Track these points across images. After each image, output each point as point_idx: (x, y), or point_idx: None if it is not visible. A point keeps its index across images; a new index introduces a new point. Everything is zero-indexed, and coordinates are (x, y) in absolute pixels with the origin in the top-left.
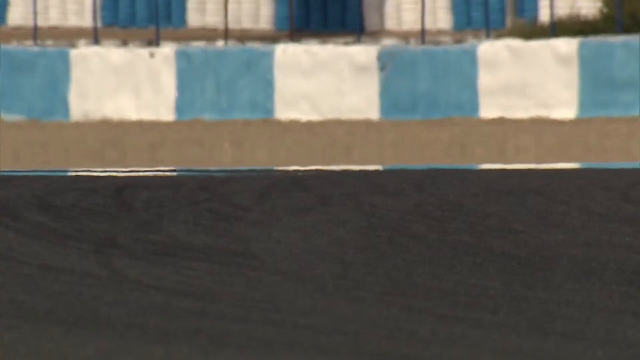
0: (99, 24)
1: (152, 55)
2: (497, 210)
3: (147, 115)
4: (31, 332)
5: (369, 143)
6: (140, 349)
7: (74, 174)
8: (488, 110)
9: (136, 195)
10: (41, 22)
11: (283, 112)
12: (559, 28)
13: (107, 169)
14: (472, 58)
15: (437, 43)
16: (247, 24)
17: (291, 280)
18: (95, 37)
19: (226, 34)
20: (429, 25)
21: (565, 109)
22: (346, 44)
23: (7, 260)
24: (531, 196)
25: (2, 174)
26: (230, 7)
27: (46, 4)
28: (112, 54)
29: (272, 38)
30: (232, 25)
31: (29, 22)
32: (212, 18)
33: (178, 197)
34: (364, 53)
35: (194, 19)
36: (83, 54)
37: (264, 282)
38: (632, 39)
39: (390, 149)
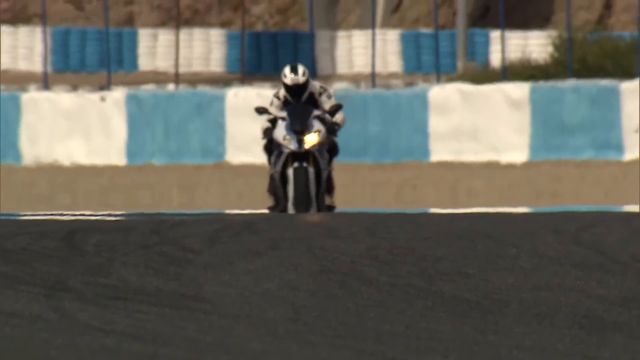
0: (50, 69)
1: (102, 99)
2: (447, 253)
3: (98, 160)
4: None
5: None
6: None
7: (24, 217)
8: (439, 154)
9: (87, 239)
10: None
11: (234, 156)
12: (510, 72)
13: (58, 212)
14: (423, 102)
15: (388, 87)
16: (198, 66)
17: (242, 324)
18: (45, 81)
19: (177, 77)
20: (379, 68)
21: (516, 153)
22: None
23: None
24: (482, 240)
25: None
26: (181, 50)
27: None
28: (62, 98)
29: (223, 81)
30: (183, 68)
31: None
32: (163, 62)
33: (129, 241)
34: None
35: (145, 63)
36: (34, 98)
37: (215, 325)
38: (582, 83)
39: (342, 192)
